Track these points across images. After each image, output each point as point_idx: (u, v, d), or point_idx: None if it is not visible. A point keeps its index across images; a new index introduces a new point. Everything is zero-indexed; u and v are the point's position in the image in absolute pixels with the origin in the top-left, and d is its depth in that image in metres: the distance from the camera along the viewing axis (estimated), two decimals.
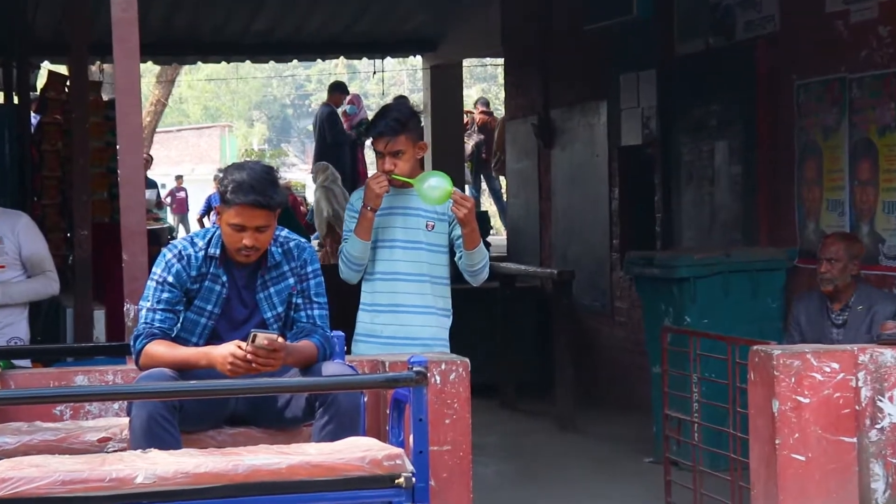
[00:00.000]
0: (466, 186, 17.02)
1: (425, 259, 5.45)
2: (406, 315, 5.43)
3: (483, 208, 18.61)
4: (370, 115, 16.00)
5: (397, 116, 5.38)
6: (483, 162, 17.30)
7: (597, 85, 10.57)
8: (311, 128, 18.54)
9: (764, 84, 8.37)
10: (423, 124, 5.56)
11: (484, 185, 18.57)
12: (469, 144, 17.31)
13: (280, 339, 4.17)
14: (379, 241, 5.45)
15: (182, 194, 28.00)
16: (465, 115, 18.32)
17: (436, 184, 5.37)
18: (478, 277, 5.52)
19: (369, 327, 5.44)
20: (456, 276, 5.65)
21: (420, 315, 5.45)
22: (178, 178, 29.14)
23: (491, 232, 16.10)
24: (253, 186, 4.34)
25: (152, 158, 19.35)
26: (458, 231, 5.46)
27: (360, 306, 5.52)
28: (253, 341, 4.14)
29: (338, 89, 15.30)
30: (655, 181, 9.81)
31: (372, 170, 8.43)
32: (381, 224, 5.44)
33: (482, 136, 17.50)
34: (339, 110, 15.16)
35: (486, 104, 18.37)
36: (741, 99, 8.62)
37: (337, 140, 14.39)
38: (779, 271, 8.00)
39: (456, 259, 5.52)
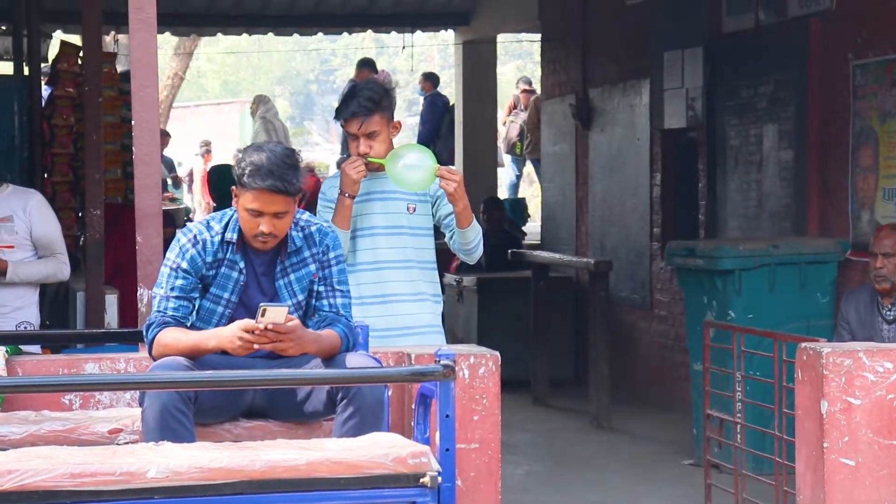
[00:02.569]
0: (500, 170, 16.99)
1: (410, 244, 5.40)
2: (397, 304, 5.38)
3: (521, 194, 18.62)
4: (397, 94, 16.05)
5: (370, 95, 5.33)
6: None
7: (639, 63, 10.53)
8: (335, 105, 18.59)
9: (817, 64, 8.32)
10: (395, 102, 5.49)
11: (527, 169, 18.53)
12: (516, 124, 17.31)
13: (293, 321, 4.20)
14: (358, 229, 5.39)
15: None
16: (510, 98, 18.39)
17: (415, 161, 5.22)
18: (473, 255, 5.45)
19: (360, 322, 5.40)
20: (486, 265, 5.57)
21: (412, 303, 5.40)
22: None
23: (528, 220, 16.09)
24: (272, 170, 4.34)
25: (169, 135, 19.40)
26: (444, 210, 5.38)
27: None
28: (263, 315, 4.16)
29: (367, 66, 15.31)
30: (699, 166, 9.78)
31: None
32: (359, 211, 5.37)
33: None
34: None
35: (529, 82, 18.38)
36: (792, 80, 8.57)
37: None
38: (829, 264, 7.97)
39: (447, 240, 5.45)
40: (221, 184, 9.36)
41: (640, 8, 10.14)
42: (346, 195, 5.31)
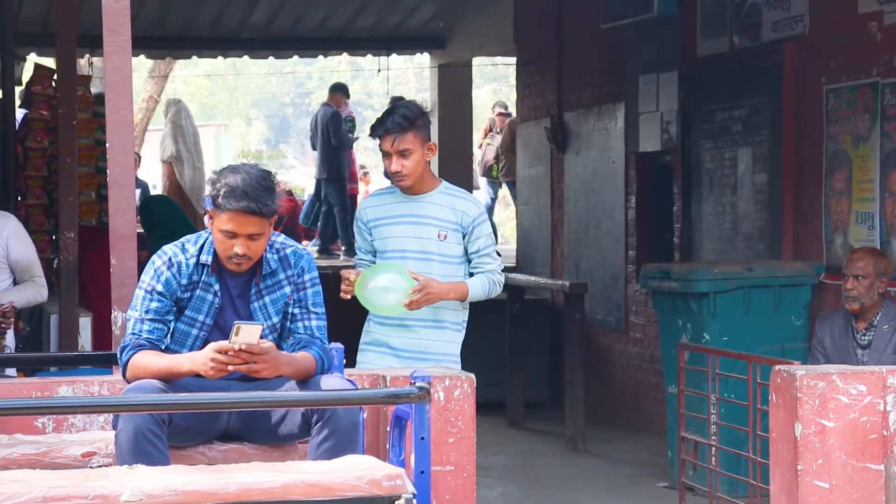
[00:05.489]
0: (476, 192, 17.02)
1: (436, 270, 5.43)
2: (416, 329, 5.45)
3: (497, 217, 18.64)
4: (354, 114, 16.04)
5: (405, 113, 5.39)
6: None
7: (614, 86, 10.58)
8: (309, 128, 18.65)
9: (791, 88, 8.37)
10: (431, 124, 5.56)
11: (503, 192, 18.60)
12: (493, 147, 17.38)
13: (265, 344, 4.20)
14: (389, 251, 5.47)
15: None
16: (486, 121, 18.45)
17: (388, 283, 5.32)
18: (491, 295, 5.60)
19: (377, 337, 5.48)
20: None
21: (431, 329, 5.47)
22: None
23: (499, 242, 16.12)
24: (246, 192, 4.34)
25: (140, 157, 19.35)
26: (473, 246, 5.49)
27: (369, 317, 5.55)
28: (237, 334, 4.16)
29: (339, 90, 15.35)
30: (674, 189, 9.81)
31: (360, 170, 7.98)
32: (391, 234, 5.46)
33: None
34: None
35: (505, 107, 18.46)
36: (767, 104, 8.62)
37: (341, 143, 14.48)
38: (804, 287, 8.01)
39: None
40: (153, 214, 9.34)
41: (615, 32, 10.18)
42: None
